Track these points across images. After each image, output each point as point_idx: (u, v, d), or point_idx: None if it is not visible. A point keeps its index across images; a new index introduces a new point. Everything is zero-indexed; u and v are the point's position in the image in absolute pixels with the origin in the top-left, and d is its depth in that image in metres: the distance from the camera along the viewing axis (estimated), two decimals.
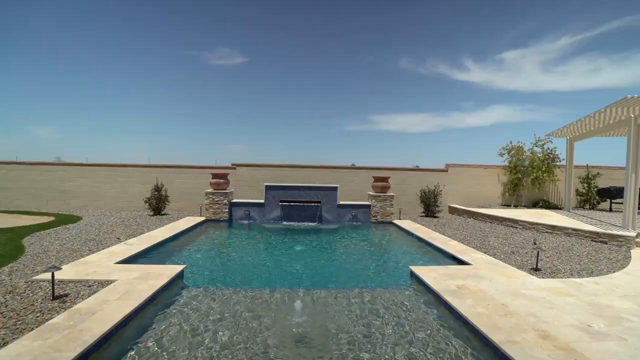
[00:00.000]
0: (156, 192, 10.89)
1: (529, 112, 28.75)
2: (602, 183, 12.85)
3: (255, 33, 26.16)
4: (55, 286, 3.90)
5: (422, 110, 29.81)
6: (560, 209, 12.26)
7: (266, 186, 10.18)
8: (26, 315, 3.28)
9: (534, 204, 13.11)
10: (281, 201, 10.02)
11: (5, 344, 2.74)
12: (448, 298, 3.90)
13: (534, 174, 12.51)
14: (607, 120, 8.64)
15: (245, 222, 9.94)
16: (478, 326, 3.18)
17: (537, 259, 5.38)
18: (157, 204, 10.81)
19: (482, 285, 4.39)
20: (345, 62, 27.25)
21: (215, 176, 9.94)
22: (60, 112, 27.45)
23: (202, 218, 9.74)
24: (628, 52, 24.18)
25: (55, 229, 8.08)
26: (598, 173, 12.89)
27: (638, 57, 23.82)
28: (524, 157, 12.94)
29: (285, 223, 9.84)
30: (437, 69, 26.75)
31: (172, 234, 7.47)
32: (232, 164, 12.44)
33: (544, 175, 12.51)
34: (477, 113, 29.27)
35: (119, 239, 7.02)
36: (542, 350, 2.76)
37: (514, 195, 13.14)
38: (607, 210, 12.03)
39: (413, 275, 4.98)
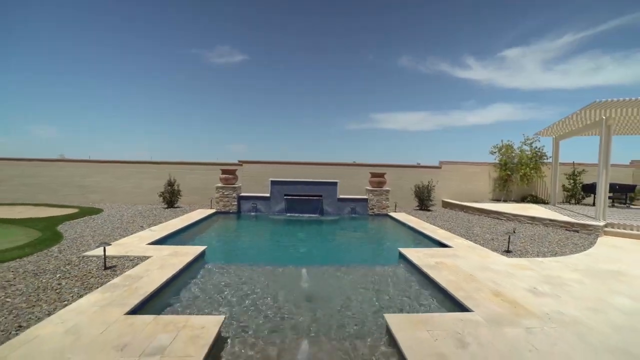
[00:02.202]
0: (169, 187, 11.73)
1: (530, 110, 28.85)
2: (587, 179, 13.61)
3: (255, 33, 26.58)
4: (103, 260, 4.76)
5: (422, 109, 30.09)
6: (547, 203, 13.05)
7: (271, 181, 11.01)
8: (89, 279, 4.13)
9: (523, 199, 13.91)
10: (285, 195, 10.86)
11: (81, 296, 3.59)
12: (427, 270, 4.73)
13: (523, 171, 13.30)
14: (584, 121, 9.42)
15: (253, 214, 10.79)
16: (447, 288, 4.02)
17: (509, 242, 6.21)
18: (171, 198, 11.66)
19: (458, 262, 5.22)
20: (346, 61, 27.66)
21: (224, 172, 10.78)
22: (60, 111, 27.86)
23: (213, 210, 10.59)
24: (630, 51, 24.11)
25: (82, 218, 8.94)
26: (583, 170, 13.65)
27: (639, 56, 23.75)
28: (513, 154, 13.73)
29: (289, 215, 10.68)
30: (438, 67, 26.80)
31: (188, 223, 8.31)
32: (239, 161, 13.29)
33: (532, 171, 13.30)
34: (478, 111, 29.40)
35: (142, 227, 7.88)
36: (492, 302, 3.60)
37: (504, 190, 13.95)
38: (591, 205, 12.78)
39: (401, 255, 5.81)
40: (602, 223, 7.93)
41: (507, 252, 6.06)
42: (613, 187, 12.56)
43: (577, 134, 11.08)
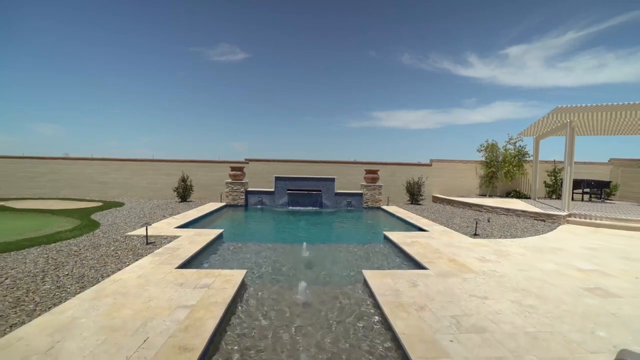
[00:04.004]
0: (182, 183, 12.93)
1: (533, 108, 28.37)
2: None
3: (256, 31, 26.89)
4: (143, 238, 5.96)
5: (424, 107, 30.08)
6: (529, 198, 14.17)
7: (275, 177, 12.20)
8: (137, 250, 5.33)
9: (507, 194, 15.03)
10: (288, 190, 12.04)
11: (137, 260, 4.79)
12: (403, 246, 5.90)
13: (506, 168, 14.43)
14: (554, 123, 10.54)
15: (259, 206, 11.99)
16: (415, 257, 5.19)
17: (476, 227, 7.38)
18: (184, 193, 12.86)
19: (430, 241, 6.39)
20: (347, 58, 28.06)
21: (233, 169, 11.97)
22: (61, 110, 28.55)
23: (223, 203, 11.80)
24: (634, 48, 23.80)
25: (109, 210, 10.16)
26: (563, 167, 14.72)
27: None
28: (497, 153, 14.86)
29: (291, 207, 11.87)
30: (441, 64, 26.67)
31: (203, 213, 9.51)
32: (245, 159, 14.48)
33: (515, 169, 14.43)
34: (481, 109, 29.04)
35: (164, 216, 9.08)
36: (446, 265, 4.77)
37: (489, 186, 15.08)
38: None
39: (386, 237, 6.97)
40: (564, 213, 9.07)
41: (475, 235, 7.22)
42: (589, 183, 13.68)
43: (552, 134, 12.18)
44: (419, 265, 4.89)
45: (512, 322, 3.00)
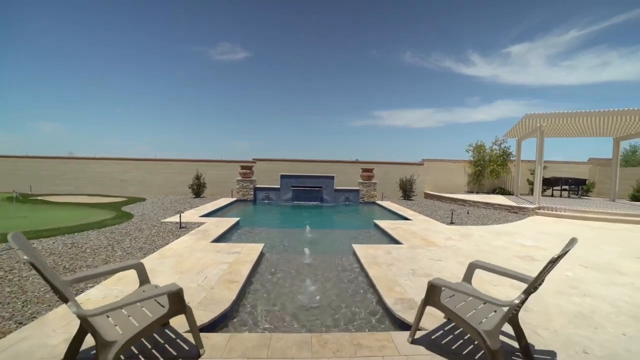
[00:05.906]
0: (196, 180, 14.32)
1: (536, 107, 28.70)
2: (548, 174, 15.98)
3: (257, 30, 27.71)
4: (175, 224, 7.33)
5: (426, 106, 30.66)
6: (512, 194, 15.47)
7: (281, 175, 13.56)
8: (175, 232, 6.70)
9: (493, 191, 16.35)
10: (292, 186, 13.40)
11: (177, 238, 6.15)
12: (388, 230, 7.24)
13: (491, 167, 15.74)
14: (529, 127, 11.84)
15: (266, 201, 13.36)
16: (395, 236, 6.53)
17: (452, 216, 8.71)
18: (198, 189, 14.25)
19: (411, 227, 7.73)
20: (349, 57, 28.89)
21: (243, 167, 13.34)
22: (61, 109, 29.46)
23: (234, 199, 13.17)
24: (637, 46, 24.59)
25: (134, 204, 11.54)
26: (545, 166, 16.01)
27: None
28: (484, 153, 16.16)
29: (295, 202, 13.23)
30: (443, 63, 27.23)
31: (218, 206, 10.88)
32: (253, 159, 15.86)
33: (499, 168, 15.73)
34: (483, 108, 29.65)
35: (185, 208, 10.45)
36: (418, 242, 6.10)
37: (476, 184, 16.39)
38: (549, 196, 15.21)
39: (375, 225, 8.32)
40: (534, 206, 10.38)
41: (451, 223, 8.54)
42: (567, 181, 14.96)
43: (530, 136, 13.46)
44: (396, 242, 6.24)
45: (451, 272, 4.34)
